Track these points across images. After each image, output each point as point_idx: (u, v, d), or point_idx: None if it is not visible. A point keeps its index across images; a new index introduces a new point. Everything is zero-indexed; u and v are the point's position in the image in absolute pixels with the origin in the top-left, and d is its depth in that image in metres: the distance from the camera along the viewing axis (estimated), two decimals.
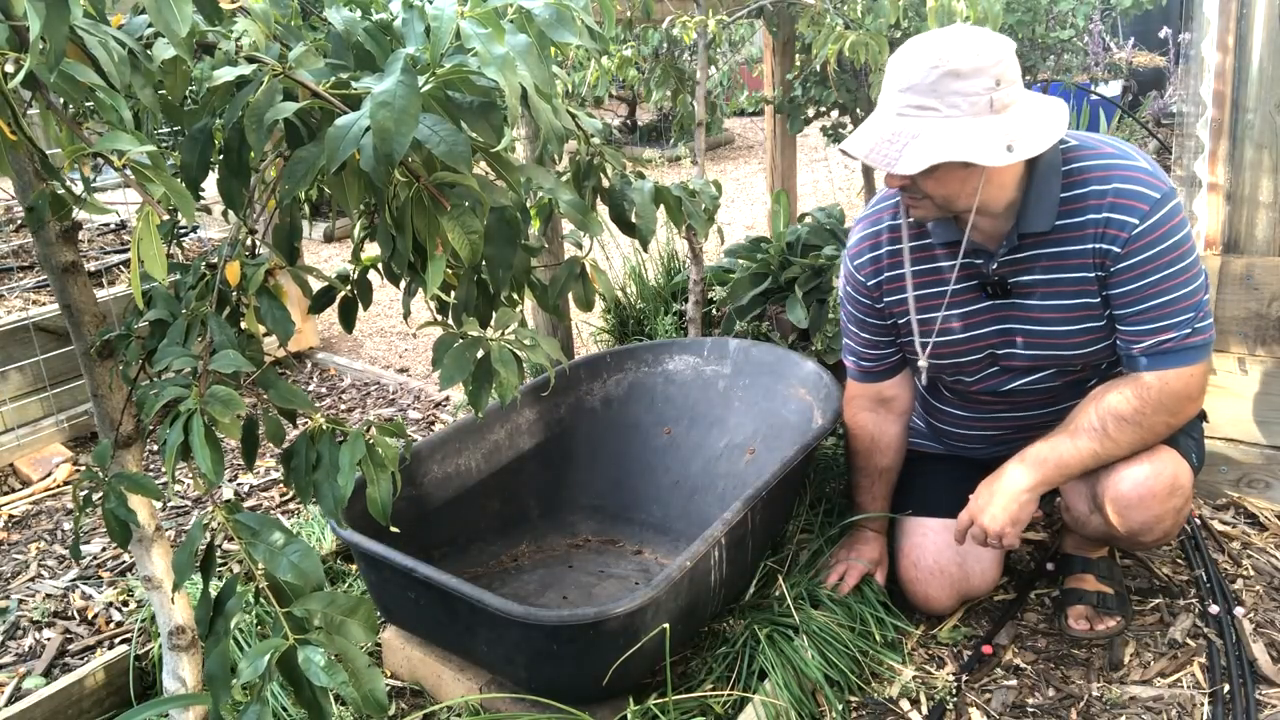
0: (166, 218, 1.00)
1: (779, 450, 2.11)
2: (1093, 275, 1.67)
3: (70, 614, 2.15)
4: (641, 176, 1.47)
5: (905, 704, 1.77)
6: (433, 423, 3.09)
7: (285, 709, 1.71)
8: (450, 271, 1.18)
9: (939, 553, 1.92)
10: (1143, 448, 1.69)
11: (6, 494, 2.73)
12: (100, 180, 1.17)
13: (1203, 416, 1.92)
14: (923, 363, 1.84)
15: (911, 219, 1.77)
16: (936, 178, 1.58)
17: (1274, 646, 1.84)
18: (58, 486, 2.75)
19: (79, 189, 1.01)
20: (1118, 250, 1.62)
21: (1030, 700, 1.77)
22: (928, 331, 1.84)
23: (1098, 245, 1.64)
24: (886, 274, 1.85)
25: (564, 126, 1.16)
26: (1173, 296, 1.62)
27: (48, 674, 1.95)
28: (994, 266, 1.73)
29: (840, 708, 1.73)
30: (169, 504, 2.60)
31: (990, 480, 1.76)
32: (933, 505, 1.98)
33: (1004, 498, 1.72)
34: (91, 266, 3.30)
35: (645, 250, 1.60)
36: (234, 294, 1.13)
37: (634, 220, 1.43)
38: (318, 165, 0.96)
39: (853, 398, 2.03)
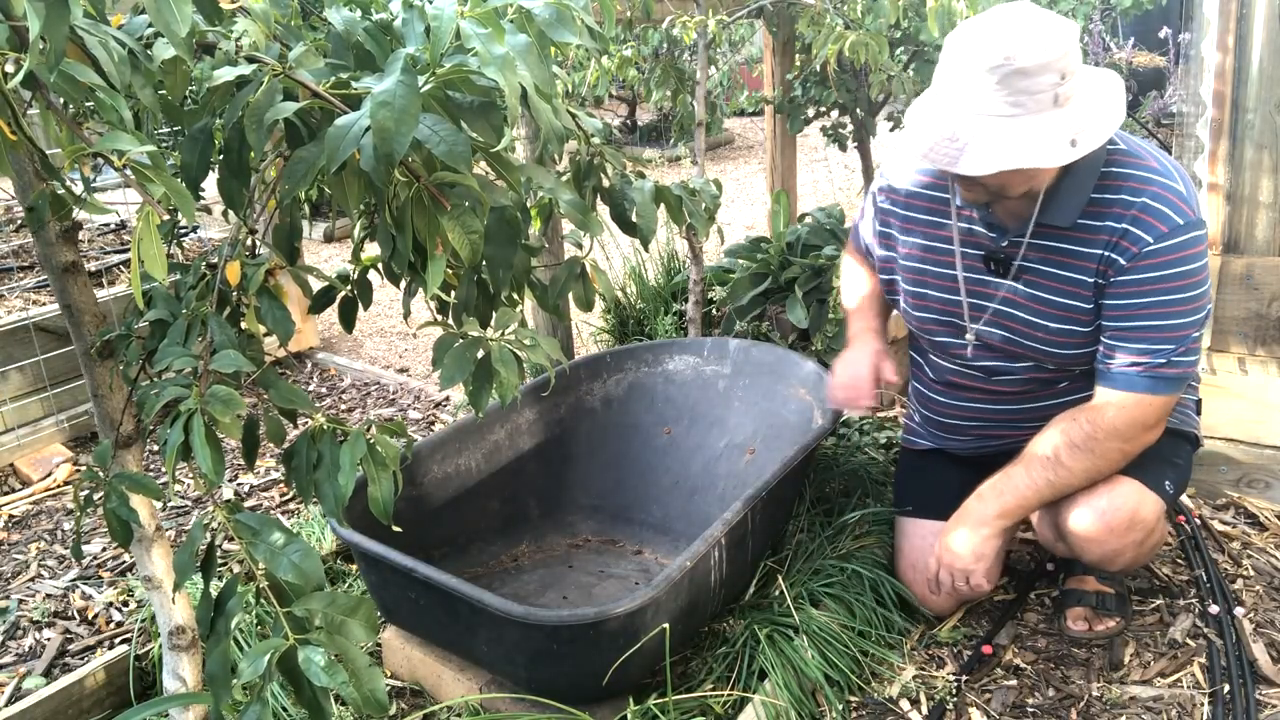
0: (166, 218, 1.00)
1: (779, 450, 2.11)
2: (1091, 281, 1.66)
3: (70, 614, 2.15)
4: (642, 176, 1.47)
5: (905, 704, 1.77)
6: (433, 423, 3.09)
7: (285, 709, 1.71)
8: (450, 271, 1.18)
9: None
10: (1099, 476, 1.68)
11: (6, 494, 2.73)
12: (100, 180, 1.17)
13: (1196, 442, 1.90)
14: (969, 334, 1.82)
15: (961, 202, 1.76)
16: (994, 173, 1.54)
17: (1274, 646, 1.84)
18: (58, 486, 2.75)
19: (79, 189, 1.01)
20: (1123, 263, 1.61)
21: (1030, 700, 1.77)
22: (922, 282, 1.85)
23: (1106, 253, 1.62)
24: (901, 210, 1.86)
25: (564, 126, 1.15)
26: (1161, 324, 1.60)
27: (48, 674, 1.95)
28: (1004, 244, 1.73)
29: (840, 708, 1.73)
30: (169, 504, 2.60)
31: (952, 520, 1.77)
32: (930, 507, 1.98)
33: (965, 534, 1.74)
34: (91, 266, 3.30)
35: (645, 250, 1.60)
36: (234, 294, 1.13)
37: (634, 220, 1.43)
38: (318, 165, 0.96)
39: (849, 250, 2.16)
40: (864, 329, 2.05)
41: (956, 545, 1.74)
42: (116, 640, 2.03)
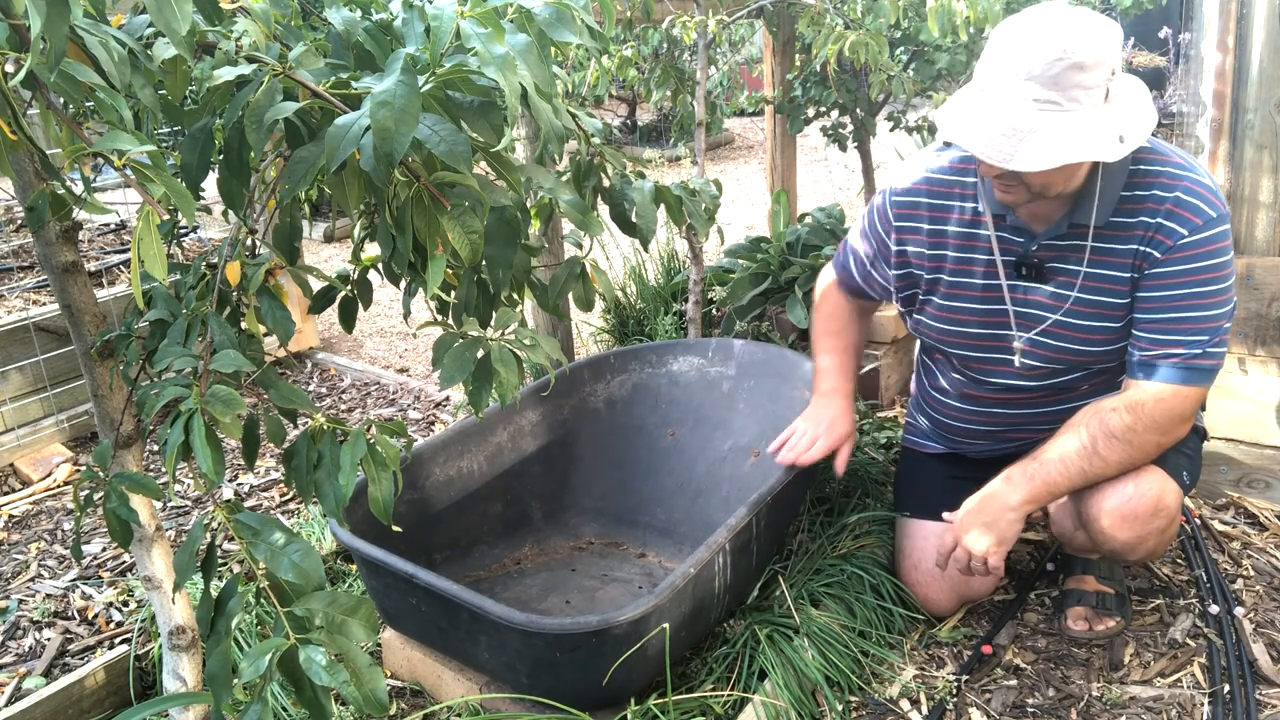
0: (166, 218, 1.00)
1: None
2: (1128, 276, 1.66)
3: (70, 614, 2.15)
4: (642, 176, 1.47)
5: (905, 704, 1.77)
6: (433, 423, 3.09)
7: (285, 709, 1.71)
8: (450, 271, 1.18)
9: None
10: (1131, 467, 1.68)
11: (6, 494, 2.73)
12: (100, 180, 1.17)
13: (1203, 435, 1.91)
14: (1018, 342, 1.80)
15: (991, 209, 1.74)
16: (1051, 169, 1.53)
17: (1274, 646, 1.84)
18: (58, 486, 2.75)
19: (79, 189, 1.01)
20: (1158, 256, 1.62)
21: (1030, 700, 1.77)
22: (956, 295, 1.83)
23: (1141, 248, 1.64)
24: (926, 225, 1.82)
25: (564, 126, 1.15)
26: (1195, 315, 1.61)
27: (48, 674, 1.95)
28: (1034, 248, 1.72)
29: (840, 708, 1.73)
30: (169, 504, 2.60)
31: (975, 499, 1.74)
32: (933, 507, 1.98)
33: (989, 517, 1.70)
34: (91, 266, 3.30)
35: (645, 250, 1.60)
36: (234, 294, 1.13)
37: (634, 220, 1.43)
38: (318, 165, 0.96)
39: (831, 283, 2.10)
40: (835, 390, 2.01)
41: (978, 528, 1.71)
42: (116, 640, 2.03)
